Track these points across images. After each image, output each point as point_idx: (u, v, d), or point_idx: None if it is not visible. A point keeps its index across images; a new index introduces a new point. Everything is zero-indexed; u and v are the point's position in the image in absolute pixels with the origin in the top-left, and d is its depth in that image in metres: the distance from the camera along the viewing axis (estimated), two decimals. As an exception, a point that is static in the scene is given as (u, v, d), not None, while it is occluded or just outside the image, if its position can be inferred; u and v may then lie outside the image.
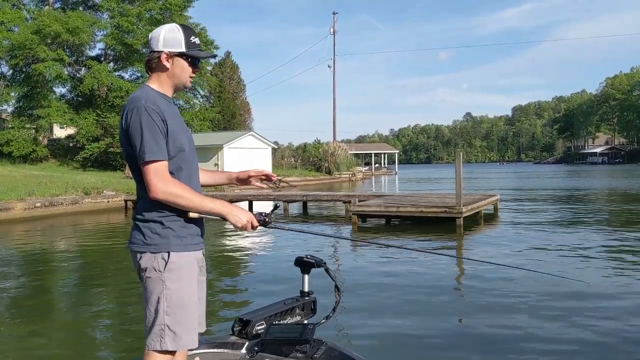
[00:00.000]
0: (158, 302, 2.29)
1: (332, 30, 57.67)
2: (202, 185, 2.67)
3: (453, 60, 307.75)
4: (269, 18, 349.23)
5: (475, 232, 13.29)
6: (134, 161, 2.31)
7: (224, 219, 2.38)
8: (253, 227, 2.41)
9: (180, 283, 2.30)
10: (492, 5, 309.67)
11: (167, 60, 2.39)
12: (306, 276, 2.90)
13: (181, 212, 2.33)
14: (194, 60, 2.44)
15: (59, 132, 44.96)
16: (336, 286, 2.82)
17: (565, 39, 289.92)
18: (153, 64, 2.41)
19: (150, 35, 2.45)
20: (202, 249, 2.49)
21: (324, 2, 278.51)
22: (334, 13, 58.38)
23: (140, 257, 2.33)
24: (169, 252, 2.30)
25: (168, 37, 2.39)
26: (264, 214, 2.46)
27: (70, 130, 40.95)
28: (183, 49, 2.39)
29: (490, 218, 16.02)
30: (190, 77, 2.46)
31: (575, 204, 20.99)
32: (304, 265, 2.87)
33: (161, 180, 2.24)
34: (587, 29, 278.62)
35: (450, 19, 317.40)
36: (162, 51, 2.38)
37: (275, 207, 2.60)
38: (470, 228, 13.46)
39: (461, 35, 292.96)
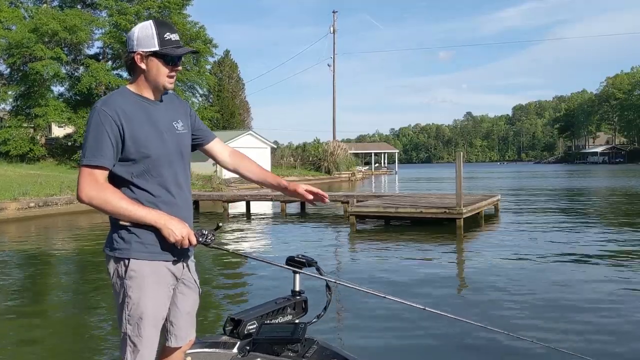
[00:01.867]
0: (122, 310, 2.23)
1: (331, 29, 57.48)
2: (253, 181, 2.65)
3: (453, 60, 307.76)
4: (268, 17, 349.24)
5: (476, 233, 13.05)
6: None
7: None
8: (190, 244, 2.26)
9: (140, 293, 2.21)
10: (492, 5, 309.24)
11: (142, 61, 2.25)
12: (297, 275, 2.90)
13: None
14: (172, 59, 2.27)
15: (58, 131, 44.68)
16: (327, 285, 2.81)
17: (566, 38, 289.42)
18: (129, 64, 2.30)
19: (128, 34, 2.33)
20: (182, 261, 2.37)
21: (324, 0, 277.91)
22: (333, 12, 58.24)
23: (108, 262, 2.29)
24: (129, 259, 2.22)
25: (141, 36, 2.24)
26: (206, 232, 2.32)
27: (69, 129, 40.71)
28: (156, 48, 2.23)
29: (491, 219, 15.79)
30: (169, 76, 2.29)
31: (576, 204, 20.76)
32: (296, 264, 2.87)
33: (90, 185, 2.16)
34: (588, 28, 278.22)
35: (450, 18, 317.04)
36: (135, 51, 2.25)
37: (218, 227, 2.43)
38: (470, 229, 13.22)
39: (461, 35, 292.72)
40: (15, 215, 16.94)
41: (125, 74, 40.86)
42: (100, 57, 40.62)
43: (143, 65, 2.25)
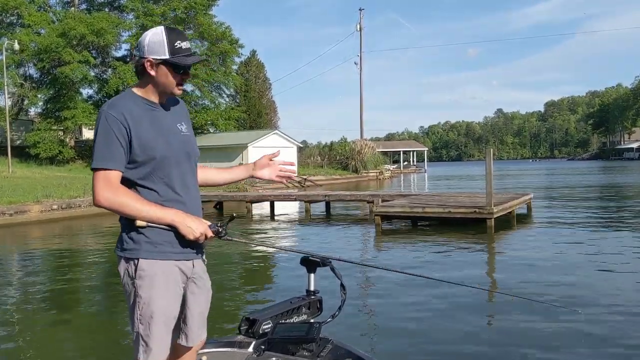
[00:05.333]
0: (134, 310, 2.26)
1: (358, 27, 56.99)
2: (225, 183, 2.79)
3: (482, 57, 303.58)
4: (295, 16, 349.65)
5: (507, 234, 12.44)
6: None
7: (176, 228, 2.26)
8: (207, 238, 2.32)
9: (151, 292, 2.23)
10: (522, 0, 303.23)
11: (151, 68, 2.26)
12: (312, 275, 2.90)
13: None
14: (182, 67, 2.28)
15: (89, 134, 45.17)
16: (342, 285, 2.81)
17: (598, 31, 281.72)
18: (139, 69, 2.31)
19: (139, 39, 2.31)
20: (193, 259, 2.38)
21: (351, 0, 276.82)
22: (360, 9, 57.70)
23: (119, 263, 2.31)
24: (138, 259, 2.24)
25: (151, 43, 2.26)
26: (219, 225, 2.36)
27: (99, 132, 41.03)
28: (166, 56, 2.25)
29: (524, 218, 15.11)
30: (179, 85, 2.31)
31: (614, 202, 19.90)
32: (310, 264, 2.86)
33: (105, 189, 2.17)
34: (620, 21, 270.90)
35: (479, 15, 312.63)
36: (146, 57, 2.26)
37: (232, 218, 2.47)
38: (501, 230, 12.60)
39: (490, 31, 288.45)
40: (38, 217, 16.87)
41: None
42: (128, 59, 40.86)
43: (152, 73, 2.26)
